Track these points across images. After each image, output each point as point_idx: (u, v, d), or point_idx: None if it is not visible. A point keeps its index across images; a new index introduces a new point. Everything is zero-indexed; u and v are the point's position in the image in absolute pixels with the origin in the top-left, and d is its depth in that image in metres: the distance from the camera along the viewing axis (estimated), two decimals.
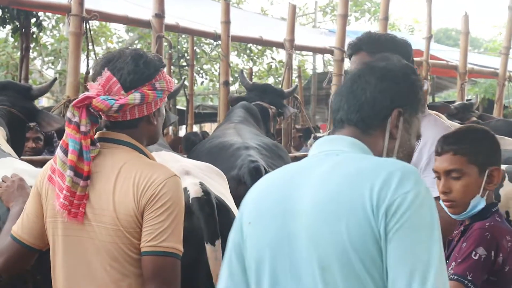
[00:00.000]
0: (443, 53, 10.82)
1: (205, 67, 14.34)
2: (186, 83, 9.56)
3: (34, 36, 8.42)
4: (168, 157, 3.18)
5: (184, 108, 11.69)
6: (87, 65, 5.01)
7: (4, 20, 7.85)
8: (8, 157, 3.10)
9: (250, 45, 13.64)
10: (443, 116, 4.68)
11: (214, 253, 2.70)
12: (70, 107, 2.11)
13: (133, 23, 6.41)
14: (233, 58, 14.20)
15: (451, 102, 8.44)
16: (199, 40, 12.85)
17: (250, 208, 1.71)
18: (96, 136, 2.18)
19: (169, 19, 5.59)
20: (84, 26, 4.72)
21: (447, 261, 2.17)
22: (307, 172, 1.65)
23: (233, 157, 3.94)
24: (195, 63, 11.67)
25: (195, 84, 12.89)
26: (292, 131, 7.31)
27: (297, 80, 9.11)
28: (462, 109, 7.02)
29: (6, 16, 7.77)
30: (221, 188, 3.06)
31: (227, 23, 6.19)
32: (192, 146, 5.34)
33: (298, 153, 6.70)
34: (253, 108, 5.35)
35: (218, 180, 3.15)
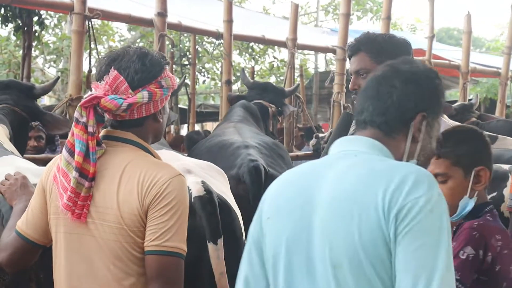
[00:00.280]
0: (445, 53, 10.81)
1: (207, 66, 14.32)
2: (188, 82, 9.55)
3: (36, 35, 8.43)
4: (169, 156, 3.16)
5: (186, 107, 11.69)
6: (90, 64, 5.01)
7: (7, 18, 7.85)
8: (11, 156, 3.10)
9: (252, 44, 13.64)
10: (445, 116, 4.67)
11: (216, 252, 2.70)
12: (78, 107, 2.10)
13: (136, 22, 6.40)
14: (235, 57, 14.19)
15: (453, 102, 8.42)
16: (201, 39, 12.84)
17: (269, 204, 1.75)
18: (102, 134, 2.17)
19: (172, 18, 5.59)
20: (87, 25, 4.72)
21: None
22: (326, 170, 1.68)
23: (233, 156, 3.93)
24: (197, 62, 11.66)
25: (197, 83, 12.87)
26: (294, 130, 7.29)
27: (299, 79, 9.09)
28: (462, 110, 6.98)
29: (9, 15, 7.78)
30: (222, 187, 3.06)
31: (230, 22, 6.19)
32: (195, 145, 5.33)
33: (300, 152, 6.69)
34: (253, 107, 5.34)
35: (219, 179, 3.14)
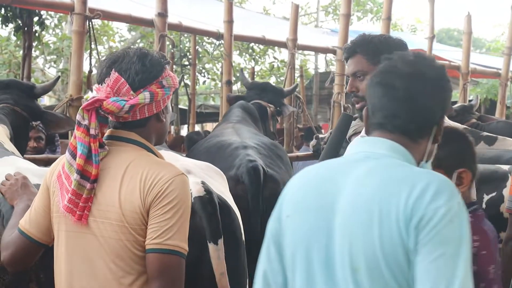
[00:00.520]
0: (446, 53, 10.81)
1: (207, 66, 14.32)
2: (188, 82, 9.54)
3: (37, 35, 8.43)
4: (168, 156, 3.16)
5: (186, 108, 11.69)
6: (90, 64, 5.01)
7: (7, 19, 7.85)
8: (11, 156, 3.09)
9: (252, 45, 13.64)
10: (446, 118, 4.66)
11: (217, 252, 2.70)
12: (80, 110, 2.11)
13: (136, 22, 6.40)
14: (235, 58, 14.20)
15: (453, 103, 8.41)
16: (201, 40, 12.85)
17: (289, 202, 1.77)
18: (106, 134, 2.19)
19: (172, 18, 5.59)
20: (87, 25, 4.72)
21: None
22: (347, 171, 1.69)
23: (232, 157, 3.92)
24: (197, 62, 11.66)
25: (197, 84, 12.88)
26: (295, 131, 7.29)
27: (299, 80, 9.09)
28: (462, 111, 6.97)
29: (9, 15, 7.77)
30: (221, 187, 3.06)
31: (230, 23, 6.18)
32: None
33: (300, 153, 6.69)
34: (251, 107, 5.33)
35: (218, 179, 3.14)
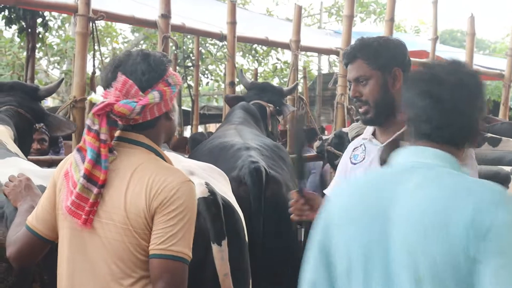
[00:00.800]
0: (449, 55, 10.77)
1: (211, 68, 14.34)
2: (191, 84, 9.53)
3: (40, 36, 8.45)
4: (170, 157, 3.16)
5: (189, 109, 11.69)
6: (93, 66, 5.02)
7: (10, 20, 7.87)
8: (15, 157, 3.10)
9: (256, 46, 13.64)
10: None
11: (221, 253, 2.70)
12: (90, 115, 2.12)
13: (140, 23, 6.40)
14: (239, 59, 14.23)
15: None
16: (205, 41, 12.85)
17: (339, 211, 1.77)
18: (115, 136, 2.19)
19: (175, 20, 5.59)
20: (91, 26, 4.72)
21: None
22: (397, 181, 1.70)
23: (234, 158, 3.92)
24: (201, 64, 11.66)
25: (200, 85, 12.88)
26: None
27: (303, 81, 9.08)
28: None
29: (12, 16, 7.80)
30: (224, 188, 3.06)
31: (233, 24, 6.18)
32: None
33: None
34: (252, 109, 5.32)
35: (221, 181, 3.15)
